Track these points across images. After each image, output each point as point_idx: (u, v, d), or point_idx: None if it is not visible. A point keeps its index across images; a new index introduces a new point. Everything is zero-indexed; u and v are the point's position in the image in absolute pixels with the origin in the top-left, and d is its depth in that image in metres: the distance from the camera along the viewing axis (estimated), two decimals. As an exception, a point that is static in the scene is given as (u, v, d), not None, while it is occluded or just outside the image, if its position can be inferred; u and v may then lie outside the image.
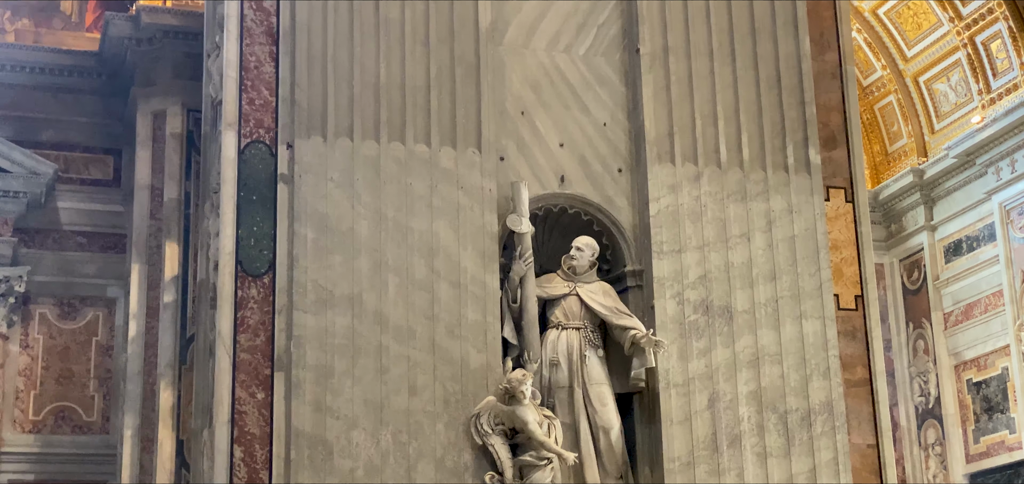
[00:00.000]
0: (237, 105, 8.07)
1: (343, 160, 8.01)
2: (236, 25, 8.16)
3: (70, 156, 12.78)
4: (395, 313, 7.87)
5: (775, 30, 8.94)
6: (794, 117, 8.85)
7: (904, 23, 15.40)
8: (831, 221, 9.00)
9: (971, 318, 14.89)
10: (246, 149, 8.03)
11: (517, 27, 8.65)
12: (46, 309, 12.34)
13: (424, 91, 8.23)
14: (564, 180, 8.53)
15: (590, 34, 8.77)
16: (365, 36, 8.20)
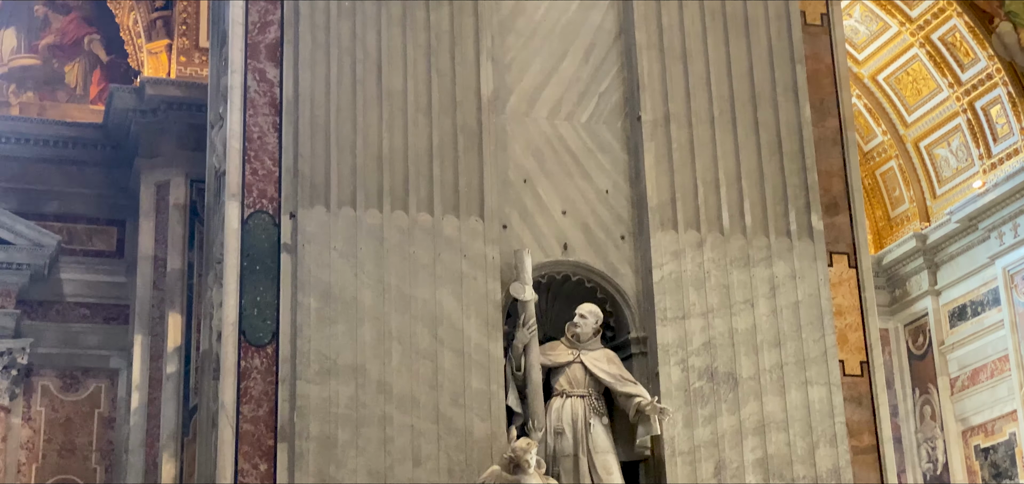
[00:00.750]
0: (240, 175, 8.09)
1: (346, 229, 8.02)
2: (240, 96, 8.20)
3: (74, 227, 12.82)
4: (399, 382, 7.84)
5: (776, 97, 8.98)
6: (796, 183, 8.86)
7: (904, 89, 15.48)
8: (835, 287, 8.99)
9: (978, 383, 14.83)
10: (249, 219, 8.04)
11: (519, 96, 8.69)
12: (48, 381, 12.32)
13: (427, 160, 8.26)
14: (567, 247, 8.53)
15: (592, 102, 8.81)
16: (368, 106, 8.24)
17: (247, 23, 8.30)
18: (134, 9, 13.80)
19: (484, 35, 8.51)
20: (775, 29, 9.07)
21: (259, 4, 8.34)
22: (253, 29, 8.31)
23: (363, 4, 8.35)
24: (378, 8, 8.38)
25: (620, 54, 8.91)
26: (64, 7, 14.59)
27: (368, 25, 8.34)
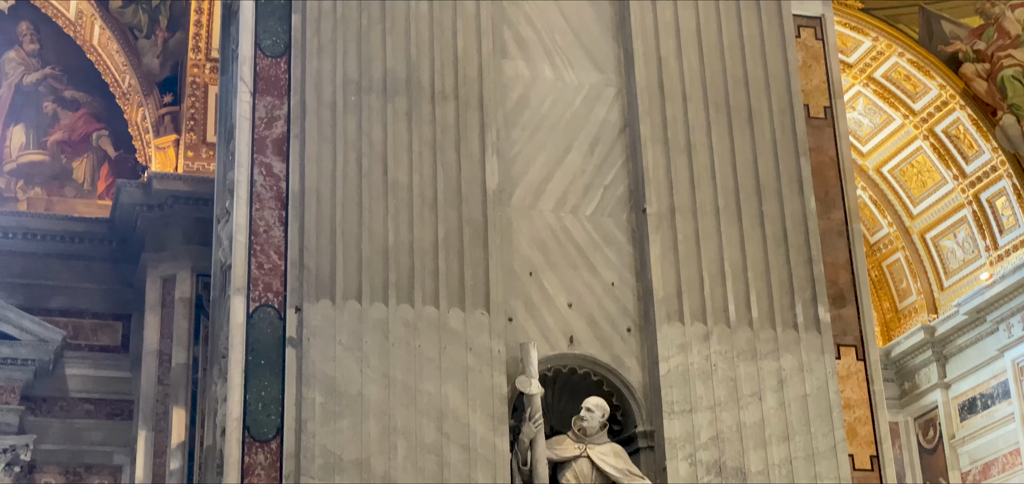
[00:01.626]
0: (246, 269, 8.09)
1: (351, 323, 7.99)
2: (246, 190, 8.23)
3: (79, 322, 12.81)
4: (404, 478, 7.76)
5: (780, 189, 8.99)
6: (802, 275, 8.84)
7: (909, 181, 15.52)
8: (843, 380, 8.93)
9: (989, 478, 14.67)
10: (255, 313, 8.02)
11: (524, 188, 8.71)
12: (52, 478, 12.23)
13: (432, 253, 8.25)
14: (573, 340, 8.49)
15: (597, 195, 8.83)
16: (374, 199, 8.26)
17: (254, 118, 8.36)
18: (143, 105, 13.93)
19: (490, 129, 8.56)
20: (779, 122, 9.11)
21: (266, 99, 8.40)
22: (260, 124, 8.36)
23: (369, 99, 8.41)
24: (384, 103, 8.43)
25: (625, 147, 8.95)
26: (73, 103, 14.72)
27: (374, 120, 8.39)
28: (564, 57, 9.03)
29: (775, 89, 9.15)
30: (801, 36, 9.63)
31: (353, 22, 8.46)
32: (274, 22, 8.53)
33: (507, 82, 8.85)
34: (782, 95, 9.17)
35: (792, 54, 9.26)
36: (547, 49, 9.01)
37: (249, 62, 8.42)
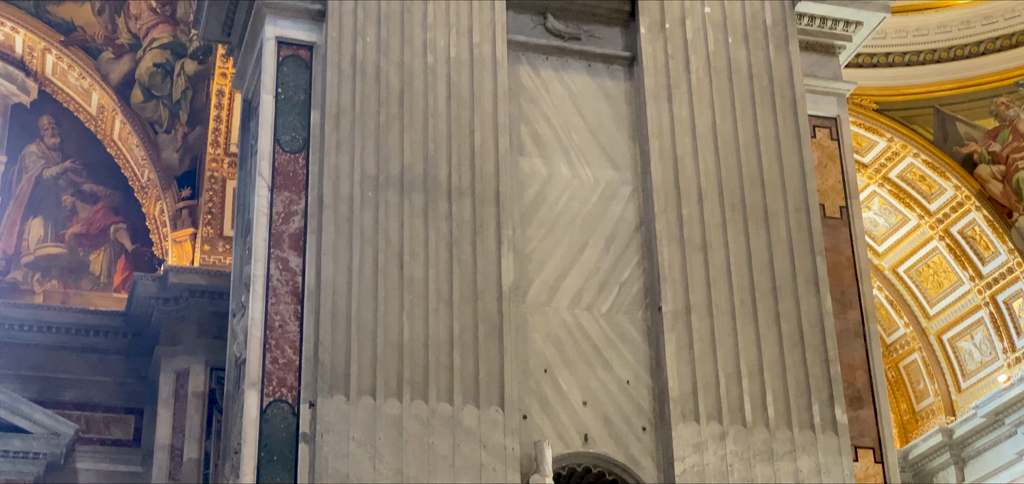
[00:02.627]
0: (261, 364, 8.07)
1: (365, 419, 7.95)
2: (263, 285, 8.24)
3: (92, 416, 12.79)
4: (416, 577, 7.66)
5: (796, 288, 8.97)
6: (819, 376, 8.78)
7: (925, 281, 15.48)
8: (861, 482, 8.82)
9: (1009, 581, 14.44)
10: (268, 408, 7.99)
11: (540, 285, 8.71)
12: (61, 572, 12.11)
13: (447, 349, 8.23)
14: (588, 439, 8.43)
15: (612, 292, 8.82)
16: (389, 295, 8.26)
17: (271, 213, 8.40)
18: (161, 199, 14.02)
19: (506, 225, 8.58)
20: (794, 221, 9.12)
21: (284, 194, 8.45)
22: (277, 219, 8.40)
23: (387, 194, 8.45)
24: (401, 198, 8.47)
25: (641, 245, 8.95)
26: (92, 196, 14.84)
27: (391, 215, 8.42)
28: (580, 155, 9.08)
29: (791, 189, 9.17)
30: (817, 136, 9.67)
31: (371, 118, 8.54)
32: (293, 118, 8.61)
33: (524, 179, 8.89)
34: (798, 194, 9.19)
35: (808, 154, 9.29)
36: (564, 147, 9.07)
37: (268, 157, 8.48)
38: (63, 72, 15.00)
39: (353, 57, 8.59)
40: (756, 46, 9.39)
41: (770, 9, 9.50)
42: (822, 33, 9.78)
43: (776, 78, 9.35)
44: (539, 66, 9.18)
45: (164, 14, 14.53)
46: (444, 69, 8.71)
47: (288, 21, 8.77)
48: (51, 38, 14.74)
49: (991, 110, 15.02)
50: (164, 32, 14.51)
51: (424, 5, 8.79)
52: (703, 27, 9.32)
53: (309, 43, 8.77)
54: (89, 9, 14.83)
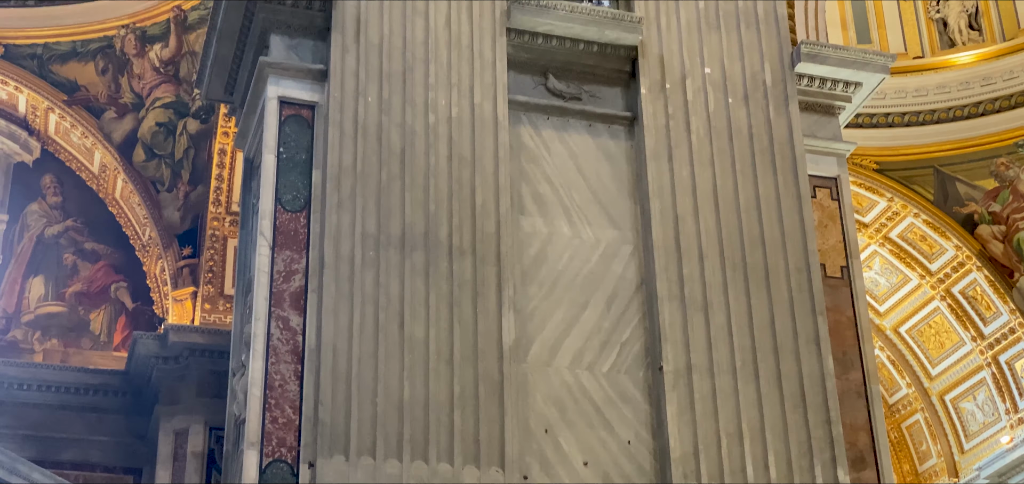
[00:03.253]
0: (260, 424, 8.03)
1: (365, 479, 7.90)
2: (263, 344, 8.22)
3: (90, 476, 12.71)
4: None
5: (797, 349, 8.94)
6: (821, 437, 8.74)
7: (927, 342, 15.45)
8: (864, 543, 8.76)
9: None
10: (268, 469, 7.94)
11: (541, 344, 8.69)
12: None
13: (447, 409, 8.20)
14: (589, 500, 8.37)
15: (613, 352, 8.79)
16: (390, 355, 8.24)
17: (272, 272, 8.40)
18: (162, 257, 14.03)
19: (507, 285, 8.57)
20: (795, 281, 9.11)
21: (285, 253, 8.45)
22: (278, 278, 8.39)
23: (387, 253, 8.45)
24: (402, 258, 8.47)
25: (641, 304, 8.94)
26: (93, 255, 14.84)
27: (392, 274, 8.42)
28: (581, 214, 9.09)
29: (791, 248, 9.17)
30: (817, 196, 9.68)
31: (373, 178, 8.55)
32: (295, 177, 8.63)
33: (525, 238, 8.90)
34: (799, 254, 9.19)
35: (808, 214, 9.31)
36: (565, 206, 9.08)
37: (269, 216, 8.49)
38: (66, 131, 15.06)
39: (355, 117, 8.62)
40: (756, 107, 9.43)
41: (770, 70, 9.56)
42: (822, 94, 9.82)
43: (776, 138, 9.38)
44: (540, 126, 9.22)
45: (167, 74, 14.61)
46: (446, 129, 8.75)
47: (291, 81, 8.81)
48: (54, 97, 14.82)
49: (991, 170, 15.06)
50: (167, 92, 14.59)
51: (426, 65, 8.84)
52: (703, 88, 9.37)
53: (311, 103, 8.81)
54: (93, 69, 14.91)
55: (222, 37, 9.29)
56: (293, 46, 8.89)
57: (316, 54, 8.89)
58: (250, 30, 9.08)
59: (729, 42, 9.54)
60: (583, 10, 9.23)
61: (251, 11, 8.95)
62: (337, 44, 8.74)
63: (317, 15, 8.89)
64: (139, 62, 14.69)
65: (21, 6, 15.29)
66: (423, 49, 8.87)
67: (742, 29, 9.61)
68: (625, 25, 9.29)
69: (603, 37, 9.29)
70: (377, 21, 8.85)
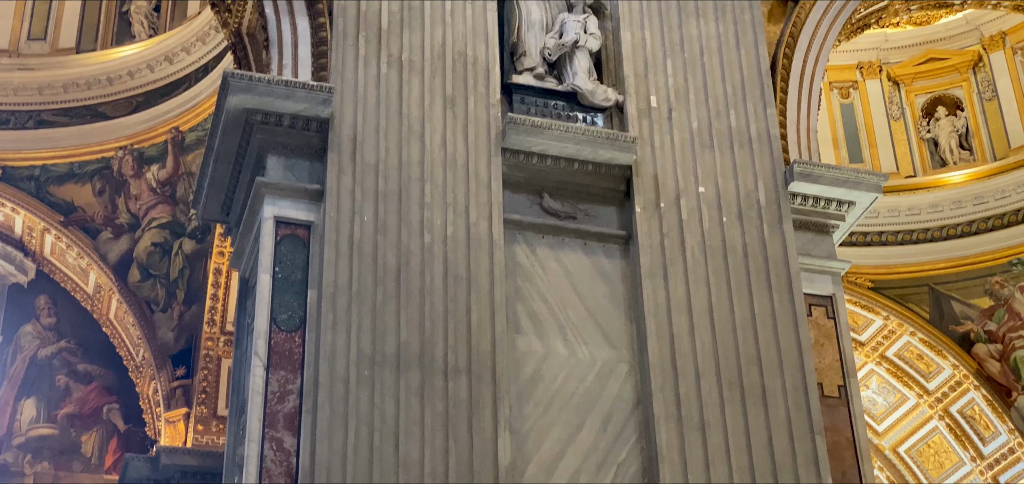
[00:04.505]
0: (252, 547, 7.91)
1: None
2: (256, 466, 8.13)
3: None
4: None
5: (796, 469, 8.86)
6: (822, 558, 8.62)
7: (926, 461, 15.33)
8: None
9: None
10: None
11: (537, 465, 8.60)
12: None
13: (443, 532, 8.08)
14: None
15: (610, 472, 8.70)
16: (385, 475, 8.14)
17: (267, 392, 8.34)
18: (155, 378, 13.96)
19: (502, 405, 8.51)
20: (793, 401, 9.06)
21: (279, 373, 8.40)
22: (272, 398, 8.33)
23: (382, 374, 8.40)
24: (397, 378, 8.42)
25: (638, 424, 8.88)
26: (86, 376, 14.76)
27: (387, 395, 8.36)
28: (577, 333, 9.06)
29: (788, 368, 9.13)
30: (813, 315, 9.67)
31: (368, 297, 8.54)
32: (290, 297, 8.62)
33: (520, 357, 8.86)
34: (796, 374, 9.14)
35: (804, 333, 9.28)
36: (560, 325, 9.06)
37: (264, 336, 8.46)
38: (62, 252, 15.07)
39: (351, 236, 8.64)
40: (751, 225, 9.46)
41: (764, 189, 9.61)
42: (816, 212, 9.86)
43: (771, 257, 9.40)
44: (535, 245, 9.23)
45: (164, 194, 14.68)
46: (441, 248, 8.76)
47: (287, 201, 8.84)
48: (51, 219, 14.87)
49: (986, 289, 15.08)
50: (163, 212, 14.65)
51: (421, 185, 8.89)
52: (698, 206, 9.41)
53: (307, 222, 8.83)
54: (90, 190, 14.99)
55: (219, 158, 9.35)
56: (290, 166, 8.95)
57: (312, 174, 8.94)
58: (247, 151, 9.15)
59: (723, 161, 9.62)
60: (577, 130, 9.31)
61: (248, 132, 9.02)
62: (333, 164, 8.79)
63: (314, 136, 8.96)
64: (136, 183, 14.77)
65: (20, 129, 15.42)
66: (419, 169, 8.92)
67: (735, 148, 9.69)
68: (619, 145, 9.36)
69: (597, 157, 9.35)
70: (373, 141, 8.92)
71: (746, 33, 10.12)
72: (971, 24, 16.25)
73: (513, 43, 9.74)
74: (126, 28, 16.31)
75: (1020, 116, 15.88)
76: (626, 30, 9.85)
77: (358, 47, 9.15)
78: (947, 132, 16.23)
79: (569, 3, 9.92)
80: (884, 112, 16.40)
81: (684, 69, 9.84)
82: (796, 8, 10.46)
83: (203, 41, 15.51)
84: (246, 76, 8.88)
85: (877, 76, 16.50)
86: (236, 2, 10.01)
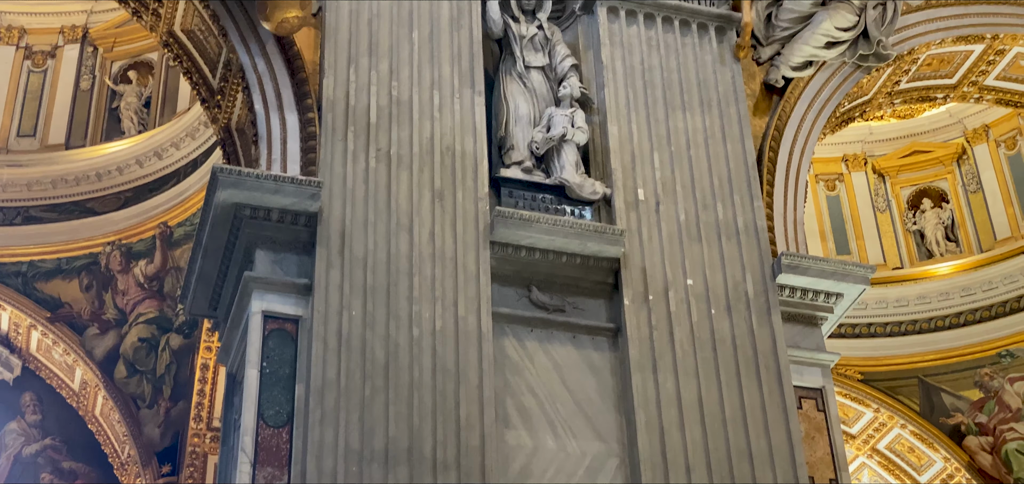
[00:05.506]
0: None
1: None
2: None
3: None
4: None
5: (789, 564, 8.78)
6: None
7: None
8: None
9: None
10: None
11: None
12: None
13: None
14: None
15: (601, 569, 8.60)
16: (372, 573, 8.04)
17: (253, 489, 8.25)
18: (140, 475, 13.81)
19: (491, 500, 8.43)
20: (785, 497, 8.99)
21: (266, 470, 8.31)
22: (258, 495, 8.24)
23: (371, 470, 8.31)
24: (386, 474, 8.32)
25: (629, 520, 8.78)
26: (70, 474, 14.60)
27: (374, 490, 8.27)
28: (566, 427, 9.00)
29: (779, 461, 9.07)
30: (803, 408, 9.63)
31: (356, 392, 8.49)
32: (278, 392, 8.56)
33: (509, 452, 8.79)
34: (786, 467, 9.08)
35: (795, 426, 9.24)
36: (549, 419, 9.00)
37: (251, 432, 8.38)
38: (48, 348, 14.98)
39: (339, 331, 8.60)
40: (739, 317, 9.45)
41: (752, 281, 9.62)
42: (804, 304, 9.86)
43: (760, 349, 9.38)
44: (524, 338, 9.20)
45: (151, 289, 14.65)
46: (429, 342, 8.72)
47: (275, 295, 8.82)
48: (37, 315, 14.80)
49: (976, 381, 15.06)
50: (150, 307, 14.60)
51: (410, 279, 8.88)
52: (686, 299, 9.41)
53: (295, 317, 8.80)
54: (77, 285, 14.95)
55: (207, 253, 9.33)
56: (278, 261, 8.93)
57: (301, 268, 8.93)
58: (235, 246, 9.14)
59: (710, 253, 9.63)
60: (565, 223, 9.33)
61: (237, 227, 9.02)
62: (322, 259, 8.78)
63: (302, 230, 8.96)
64: (123, 278, 14.74)
65: (8, 225, 15.41)
66: (407, 262, 8.92)
67: (723, 240, 9.71)
68: (607, 237, 9.38)
69: (585, 250, 9.37)
70: (362, 235, 8.92)
71: (732, 126, 10.21)
72: (954, 117, 16.42)
73: (501, 137, 9.80)
74: (116, 124, 16.40)
75: (1005, 208, 15.99)
76: (613, 123, 9.92)
77: (347, 141, 9.19)
78: (933, 224, 16.32)
79: (556, 97, 10.00)
80: (870, 204, 16.50)
81: (671, 162, 9.90)
82: (781, 102, 10.56)
83: (193, 136, 15.58)
84: (235, 171, 8.90)
85: (862, 168, 16.62)
86: (226, 98, 10.07)
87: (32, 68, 16.67)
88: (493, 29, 10.11)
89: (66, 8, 16.99)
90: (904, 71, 11.50)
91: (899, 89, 11.75)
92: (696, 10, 10.59)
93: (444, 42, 9.79)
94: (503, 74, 10.03)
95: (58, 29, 16.90)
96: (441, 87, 9.59)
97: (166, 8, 10.29)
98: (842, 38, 10.72)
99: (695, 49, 10.44)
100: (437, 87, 9.58)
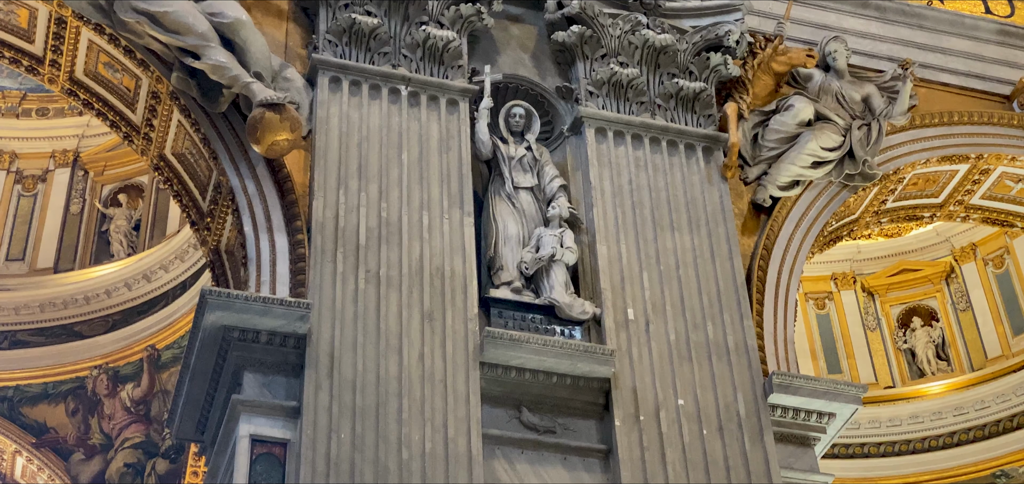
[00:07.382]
0: None
1: None
2: None
3: None
4: None
5: None
6: None
7: None
8: None
9: None
10: None
11: None
12: None
13: None
14: None
15: None
16: None
17: None
18: None
19: None
20: None
21: None
22: None
23: None
24: None
25: None
26: None
27: None
28: (558, 551, 8.86)
29: (774, 583, 8.94)
30: (798, 528, 9.51)
31: (344, 516, 8.35)
32: (264, 516, 8.42)
33: (500, 577, 8.63)
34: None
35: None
36: (540, 543, 8.86)
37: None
38: (33, 474, 14.79)
39: (327, 454, 8.49)
40: (731, 438, 9.37)
41: (743, 401, 9.55)
42: (796, 424, 9.78)
43: (753, 470, 9.28)
44: (514, 460, 9.09)
45: (138, 413, 14.51)
46: (419, 464, 8.61)
47: (263, 418, 8.72)
48: (22, 440, 14.63)
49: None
50: (137, 431, 14.45)
51: (399, 400, 8.80)
52: (678, 419, 9.33)
53: (283, 440, 8.69)
54: (63, 410, 14.81)
55: (195, 376, 9.25)
56: (266, 383, 8.85)
57: (289, 391, 8.84)
58: (223, 369, 9.06)
59: (701, 373, 9.58)
60: (555, 343, 9.28)
61: (225, 350, 8.96)
62: (310, 381, 8.71)
63: (291, 352, 8.90)
64: (110, 402, 14.60)
65: (-7, 349, 15.32)
66: (397, 384, 8.84)
67: (714, 360, 9.66)
68: (597, 358, 9.32)
69: (576, 370, 9.30)
70: (351, 358, 8.86)
71: (721, 245, 10.22)
72: (942, 236, 16.50)
73: (490, 257, 9.80)
74: (105, 246, 16.39)
75: (995, 327, 15.99)
76: (602, 244, 9.93)
77: (336, 263, 9.18)
78: (924, 343, 16.30)
79: (545, 217, 10.02)
80: (860, 323, 16.49)
81: (660, 281, 9.89)
82: (769, 221, 10.60)
83: (182, 259, 15.57)
84: (223, 293, 8.87)
85: (852, 287, 16.65)
86: (215, 220, 10.08)
87: (22, 192, 16.72)
88: (482, 150, 10.17)
89: (58, 132, 17.09)
90: (890, 190, 11.58)
91: (886, 208, 11.82)
92: (683, 130, 10.68)
93: (433, 163, 9.84)
94: (492, 195, 10.07)
95: (49, 153, 16.98)
96: (430, 208, 9.61)
97: (157, 132, 10.34)
98: (828, 158, 10.81)
99: (683, 169, 10.50)
100: (426, 208, 9.60)
